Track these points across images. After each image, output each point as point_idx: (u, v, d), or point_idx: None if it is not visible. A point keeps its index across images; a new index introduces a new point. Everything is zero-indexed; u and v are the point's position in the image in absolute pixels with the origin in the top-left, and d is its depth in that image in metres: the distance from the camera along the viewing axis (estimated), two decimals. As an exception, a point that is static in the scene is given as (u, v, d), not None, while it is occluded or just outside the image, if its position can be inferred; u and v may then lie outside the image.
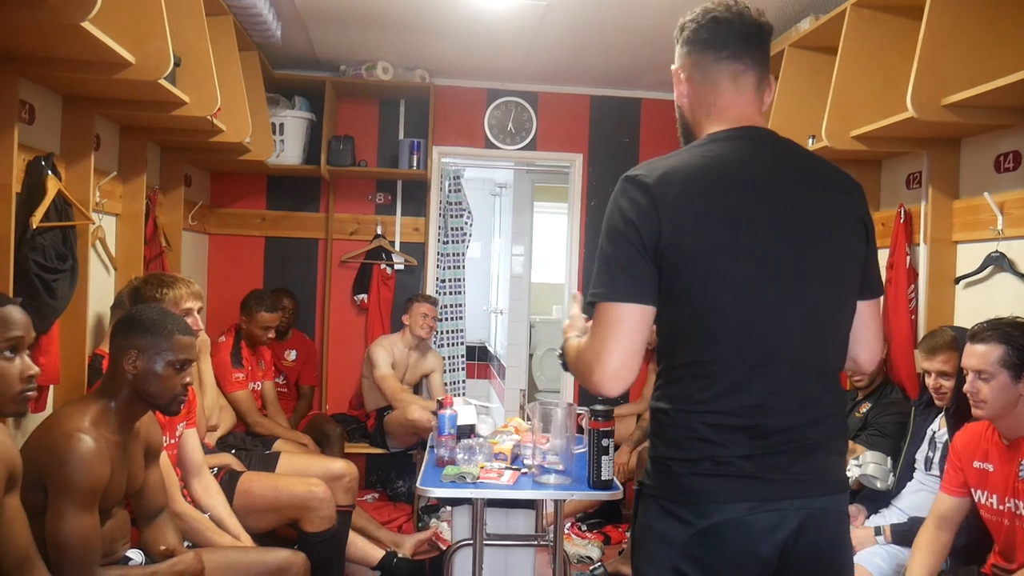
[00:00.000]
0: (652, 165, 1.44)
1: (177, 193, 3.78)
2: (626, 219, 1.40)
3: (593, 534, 4.32)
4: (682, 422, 1.42)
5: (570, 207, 5.11)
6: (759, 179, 1.44)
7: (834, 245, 1.46)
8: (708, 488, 1.40)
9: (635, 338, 1.38)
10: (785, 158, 1.49)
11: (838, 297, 1.48)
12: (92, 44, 2.07)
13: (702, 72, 1.52)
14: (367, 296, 4.88)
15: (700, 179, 1.41)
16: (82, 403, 2.06)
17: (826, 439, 1.45)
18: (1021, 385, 2.10)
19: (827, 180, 1.50)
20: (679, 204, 1.38)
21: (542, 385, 7.39)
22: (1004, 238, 2.74)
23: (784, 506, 1.39)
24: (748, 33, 1.49)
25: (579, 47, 4.14)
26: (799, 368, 1.43)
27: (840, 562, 1.48)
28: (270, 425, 3.97)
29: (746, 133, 1.48)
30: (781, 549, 1.40)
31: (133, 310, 2.21)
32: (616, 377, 1.39)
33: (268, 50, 4.14)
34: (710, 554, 1.40)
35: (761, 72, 1.51)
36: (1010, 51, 2.38)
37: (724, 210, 1.40)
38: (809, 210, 1.44)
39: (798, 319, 1.42)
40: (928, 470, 2.74)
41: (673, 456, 1.43)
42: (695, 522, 1.40)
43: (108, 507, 2.04)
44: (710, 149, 1.46)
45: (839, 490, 1.48)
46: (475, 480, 2.62)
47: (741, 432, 1.40)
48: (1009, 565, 2.17)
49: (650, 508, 1.47)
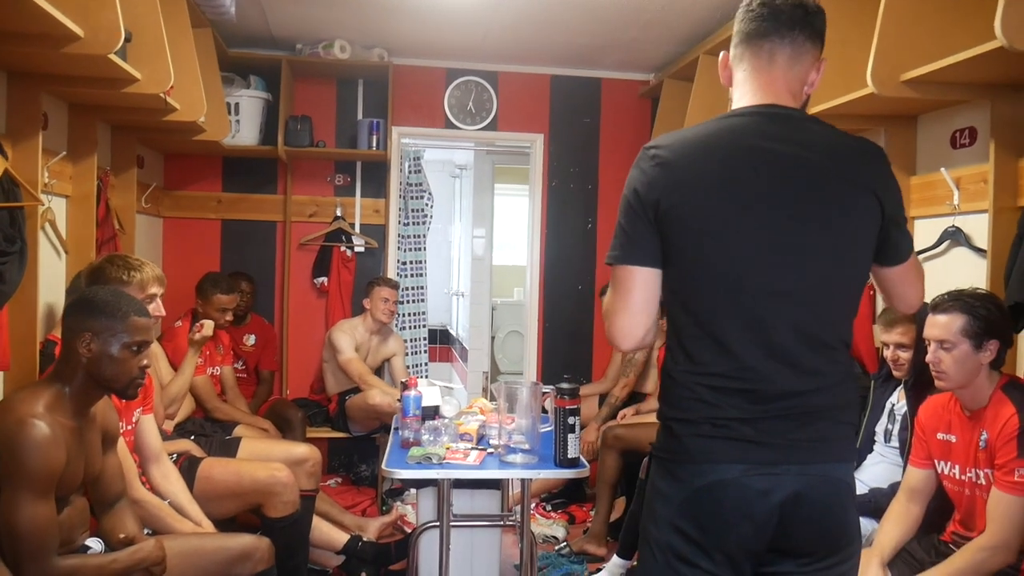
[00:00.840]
0: (671, 136, 1.53)
1: (129, 175, 3.68)
2: (632, 187, 1.51)
3: (558, 514, 4.34)
4: (684, 383, 1.49)
5: (531, 188, 5.09)
6: (766, 152, 1.47)
7: (837, 219, 1.47)
8: (705, 448, 1.46)
9: (639, 297, 1.49)
10: (800, 134, 1.51)
11: (840, 271, 1.49)
12: (38, 16, 1.99)
13: (737, 53, 1.59)
14: (327, 279, 4.82)
15: (707, 149, 1.49)
16: (35, 389, 2.00)
17: (831, 408, 1.47)
18: (982, 355, 2.14)
19: (841, 153, 1.50)
20: (680, 171, 1.47)
21: (504, 367, 7.39)
22: (960, 213, 2.79)
23: (781, 470, 1.43)
24: (781, 14, 1.52)
25: (539, 25, 4.11)
26: (797, 336, 1.45)
27: (843, 527, 1.50)
28: (229, 410, 3.91)
29: (767, 110, 1.53)
30: (779, 513, 1.43)
31: (86, 291, 2.15)
32: (625, 333, 1.52)
33: (222, 27, 4.04)
34: (705, 513, 1.45)
35: (797, 51, 1.53)
36: (967, 28, 2.40)
37: (724, 179, 1.46)
38: (819, 182, 1.47)
39: (797, 288, 1.45)
40: (887, 442, 2.78)
41: (676, 417, 1.50)
42: (692, 481, 1.46)
43: (65, 495, 1.98)
44: (728, 122, 1.53)
45: (842, 459, 1.51)
46: (441, 461, 2.60)
47: (738, 395, 1.45)
48: (969, 532, 2.21)
49: (658, 469, 1.55)
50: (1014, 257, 2.32)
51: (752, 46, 1.54)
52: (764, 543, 1.45)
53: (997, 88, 2.52)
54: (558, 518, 4.26)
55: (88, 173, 3.10)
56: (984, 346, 2.14)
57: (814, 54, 1.55)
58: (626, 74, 4.98)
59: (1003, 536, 2.05)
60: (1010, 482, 2.05)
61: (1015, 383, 2.19)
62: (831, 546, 1.48)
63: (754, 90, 1.55)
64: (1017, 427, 2.06)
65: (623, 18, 3.86)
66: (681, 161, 1.47)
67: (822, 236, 1.46)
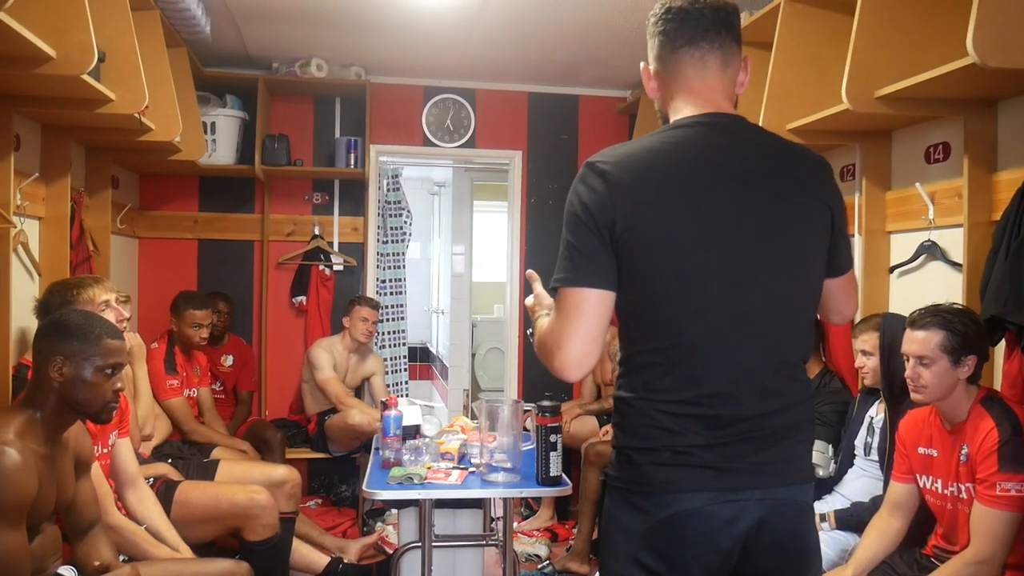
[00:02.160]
0: (614, 151, 1.44)
1: (104, 195, 3.63)
2: (583, 205, 1.39)
3: (540, 532, 4.32)
4: (642, 410, 1.41)
5: (510, 205, 5.09)
6: (720, 165, 1.42)
7: (796, 233, 1.44)
8: (667, 478, 1.39)
9: (594, 323, 1.38)
10: (749, 144, 1.47)
11: (800, 286, 1.46)
12: (9, 36, 1.96)
13: (663, 63, 1.52)
14: (306, 298, 4.79)
15: (658, 164, 1.40)
16: (5, 414, 1.96)
17: (790, 428, 1.43)
18: (960, 370, 2.15)
19: (794, 165, 1.48)
20: (635, 189, 1.37)
21: (485, 384, 7.37)
22: (935, 227, 2.81)
23: (744, 496, 1.38)
24: (703, 18, 1.47)
25: (516, 43, 4.12)
26: (759, 357, 1.41)
27: (804, 553, 1.46)
28: (207, 432, 3.85)
29: (711, 119, 1.47)
30: (743, 540, 1.38)
31: (57, 314, 2.11)
32: (577, 363, 1.39)
33: (197, 47, 4.02)
34: (670, 545, 1.38)
35: (726, 55, 1.49)
36: (939, 45, 2.42)
37: (682, 196, 1.39)
38: (773, 196, 1.43)
39: (757, 307, 1.40)
40: (867, 455, 2.79)
41: (634, 446, 1.42)
42: (654, 512, 1.39)
43: (36, 523, 1.94)
44: (673, 135, 1.45)
45: (803, 480, 1.46)
46: (422, 481, 2.58)
47: (700, 421, 1.38)
48: (951, 547, 2.21)
49: (614, 499, 1.47)
50: (989, 271, 2.33)
51: (680, 54, 1.48)
52: (728, 571, 1.41)
53: (970, 104, 2.55)
54: (541, 536, 4.23)
55: (62, 194, 3.06)
56: (962, 361, 2.15)
57: (739, 55, 1.51)
58: (603, 91, 5.00)
59: (989, 551, 2.05)
60: (992, 496, 2.05)
61: (992, 396, 2.20)
62: (794, 570, 1.45)
63: (691, 98, 1.49)
64: (997, 441, 2.07)
65: (600, 36, 3.88)
66: (631, 178, 1.38)
67: (782, 251, 1.42)
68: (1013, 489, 2.03)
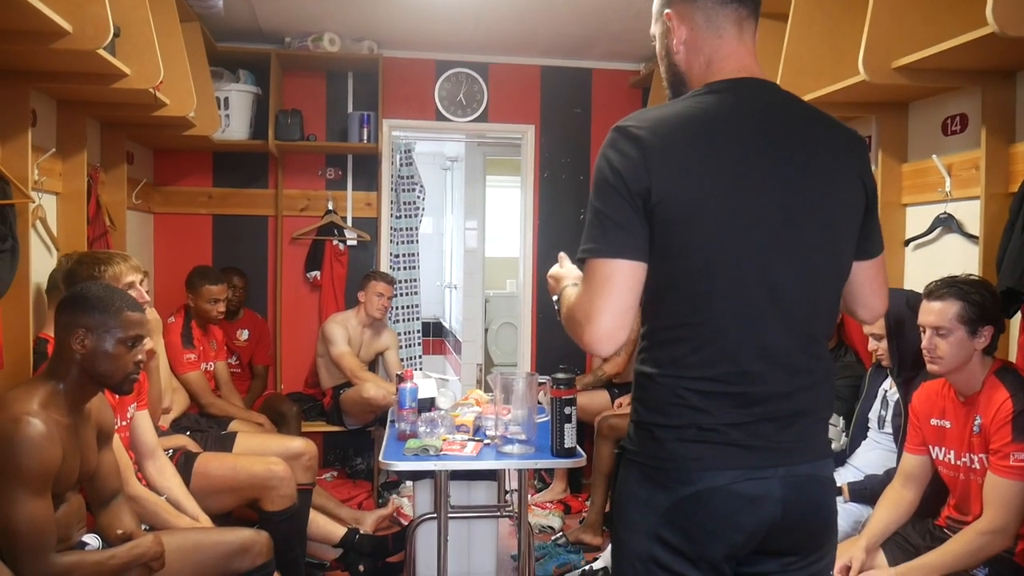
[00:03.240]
0: (645, 115, 1.37)
1: (119, 171, 3.66)
2: (615, 171, 1.32)
3: (553, 504, 4.35)
4: (668, 386, 1.37)
5: (523, 179, 5.08)
6: (758, 133, 1.36)
7: (831, 207, 1.40)
8: (693, 454, 1.36)
9: (627, 296, 1.31)
10: (787, 112, 1.42)
11: (832, 261, 1.43)
12: (26, 11, 1.97)
13: (705, 15, 1.42)
14: (320, 273, 4.81)
15: (695, 131, 1.34)
16: (29, 386, 1.99)
17: (813, 406, 1.41)
18: (977, 341, 2.15)
19: (829, 138, 1.43)
20: (671, 157, 1.31)
21: (498, 359, 7.39)
22: (952, 200, 2.80)
23: (769, 474, 1.35)
24: None
25: (529, 16, 4.09)
26: (788, 335, 1.37)
27: (827, 526, 1.46)
28: (224, 406, 3.90)
29: (748, 84, 1.41)
30: (768, 519, 1.36)
31: (78, 288, 2.13)
32: (608, 337, 1.32)
33: (210, 22, 4.02)
34: (692, 521, 1.36)
35: (756, 23, 1.45)
36: (958, 15, 2.40)
37: (719, 165, 1.33)
38: (808, 170, 1.38)
39: (789, 284, 1.36)
40: (881, 428, 2.80)
41: (657, 422, 1.39)
42: (678, 489, 1.36)
43: (61, 492, 1.98)
44: (709, 100, 1.38)
45: (824, 456, 1.45)
46: (438, 452, 2.61)
47: (728, 399, 1.35)
48: (964, 517, 2.23)
49: (632, 473, 1.43)
50: (1006, 243, 2.33)
51: (728, 8, 1.41)
52: (751, 548, 1.38)
53: (988, 75, 2.52)
54: (554, 508, 4.27)
55: (78, 170, 3.08)
56: (979, 332, 2.15)
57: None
58: (616, 64, 4.97)
59: (1002, 520, 2.07)
60: (1006, 466, 2.06)
61: (1007, 368, 2.20)
62: (816, 544, 1.44)
63: (729, 60, 1.41)
64: (1011, 411, 2.07)
65: (613, 8, 3.85)
66: (667, 144, 1.31)
67: (816, 226, 1.38)
68: (1027, 460, 2.04)
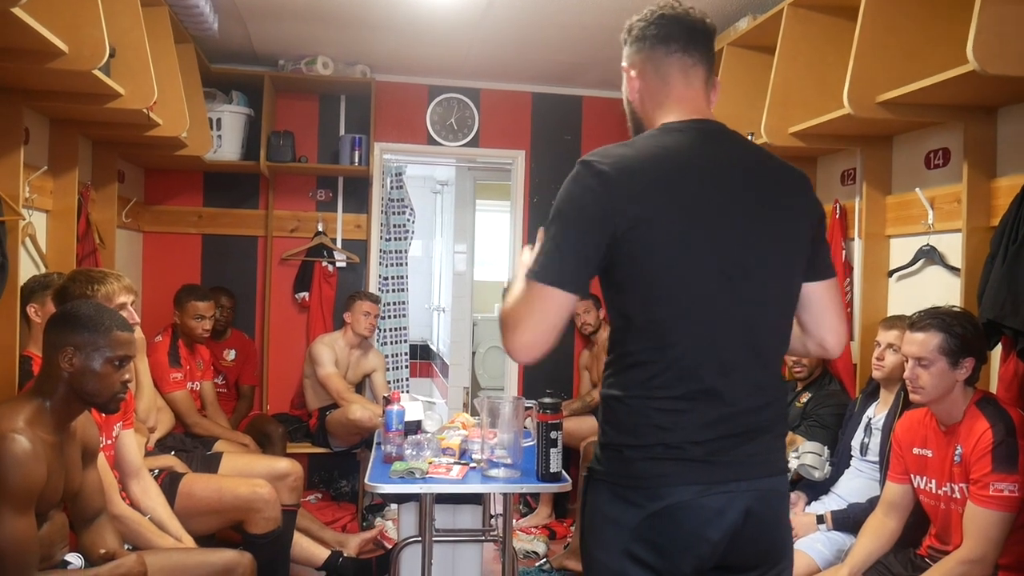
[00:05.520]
0: (609, 152, 1.45)
1: (110, 189, 3.67)
2: (577, 205, 1.42)
3: (538, 529, 4.34)
4: (636, 408, 1.45)
5: (512, 204, 5.11)
6: (712, 171, 1.47)
7: (781, 238, 1.50)
8: (660, 471, 1.43)
9: (552, 320, 1.41)
10: (736, 151, 1.53)
11: (785, 287, 1.53)
12: (23, 32, 1.99)
13: (654, 66, 1.55)
14: (308, 294, 4.81)
15: (656, 170, 1.44)
16: (15, 403, 1.99)
17: (772, 423, 1.50)
18: (958, 372, 2.19)
19: (776, 174, 1.55)
20: (633, 192, 1.40)
21: (485, 383, 7.40)
22: (934, 232, 2.85)
23: (732, 488, 1.44)
24: (695, 29, 1.54)
25: (521, 43, 4.15)
26: (747, 356, 1.47)
27: (783, 539, 1.54)
28: (209, 426, 3.88)
29: (699, 125, 1.52)
30: (731, 529, 1.43)
31: (68, 306, 2.14)
32: (525, 349, 1.43)
33: (204, 43, 4.05)
34: (662, 536, 1.43)
35: (708, 69, 1.56)
36: (940, 51, 2.46)
37: (677, 200, 1.43)
38: (758, 203, 1.48)
39: (747, 309, 1.46)
40: (864, 456, 2.82)
41: (626, 442, 1.46)
42: (647, 505, 1.43)
43: (45, 510, 1.97)
44: (665, 139, 1.49)
45: (782, 472, 1.54)
46: (424, 475, 2.61)
47: (692, 417, 1.43)
48: (945, 547, 2.25)
49: (601, 493, 1.50)
50: (987, 276, 2.36)
51: (673, 58, 1.52)
52: (716, 558, 1.45)
53: (970, 110, 2.58)
54: (539, 533, 4.26)
55: (69, 188, 3.09)
56: (960, 363, 2.18)
57: (712, 73, 1.57)
58: (607, 92, 5.03)
59: (981, 550, 2.09)
60: (985, 496, 2.08)
61: (988, 399, 2.23)
62: (774, 558, 1.51)
63: (679, 104, 1.53)
64: (991, 442, 2.10)
65: (603, 37, 3.91)
66: (629, 181, 1.40)
67: (769, 254, 1.48)
68: (1006, 489, 2.06)
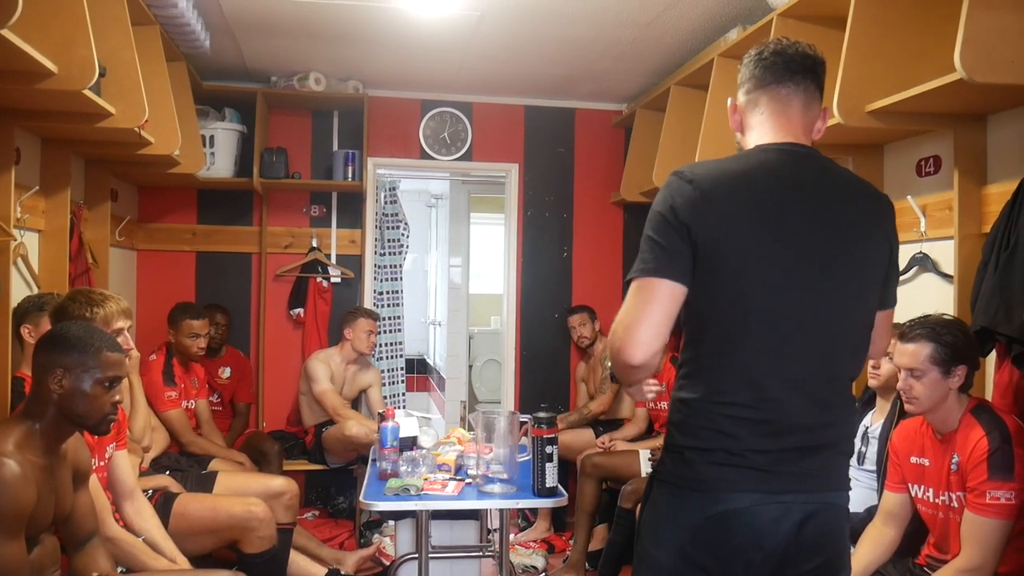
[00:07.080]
0: (701, 166, 1.58)
1: (103, 208, 3.66)
2: (671, 207, 1.50)
3: (536, 543, 4.32)
4: (703, 412, 1.52)
5: (507, 217, 5.12)
6: (797, 189, 1.55)
7: (861, 259, 1.57)
8: (720, 476, 1.49)
9: (665, 310, 1.48)
10: (824, 174, 1.61)
11: (860, 308, 1.60)
12: (12, 52, 1.99)
13: (751, 98, 1.66)
14: (303, 310, 4.80)
15: (741, 182, 1.54)
16: (5, 426, 1.97)
17: (837, 440, 1.56)
18: (951, 380, 2.18)
19: (861, 198, 1.62)
20: (719, 201, 1.50)
21: (482, 396, 7.38)
22: (927, 239, 2.85)
23: (790, 499, 1.49)
24: (792, 61, 1.62)
25: (513, 57, 4.16)
26: (816, 370, 1.53)
27: (841, 553, 1.58)
28: (204, 444, 3.86)
29: (790, 148, 1.60)
30: (786, 540, 1.48)
31: (57, 327, 2.12)
32: (643, 344, 1.46)
33: (196, 60, 4.05)
34: (716, 540, 1.49)
35: (808, 98, 1.63)
36: (929, 60, 2.46)
37: (763, 214, 1.52)
38: (841, 223, 1.56)
39: (820, 324, 1.53)
40: (861, 465, 2.80)
41: (689, 445, 1.53)
42: (705, 508, 1.49)
43: (35, 534, 1.95)
44: (756, 157, 1.59)
45: (843, 487, 1.58)
46: (419, 492, 2.59)
47: (756, 425, 1.49)
48: (943, 556, 2.23)
49: (663, 493, 1.58)
50: (979, 283, 2.36)
51: (768, 91, 1.62)
52: (769, 570, 1.50)
53: (959, 118, 2.58)
54: (537, 547, 4.24)
55: (61, 207, 3.08)
56: (952, 372, 2.18)
57: (820, 102, 1.65)
58: (599, 104, 5.04)
59: (980, 558, 2.08)
60: (982, 504, 2.07)
61: (983, 406, 2.22)
62: (830, 572, 1.54)
63: (774, 130, 1.61)
64: (987, 449, 2.09)
65: (596, 50, 3.92)
66: (716, 191, 1.50)
67: (846, 273, 1.54)
68: (1003, 497, 2.05)
